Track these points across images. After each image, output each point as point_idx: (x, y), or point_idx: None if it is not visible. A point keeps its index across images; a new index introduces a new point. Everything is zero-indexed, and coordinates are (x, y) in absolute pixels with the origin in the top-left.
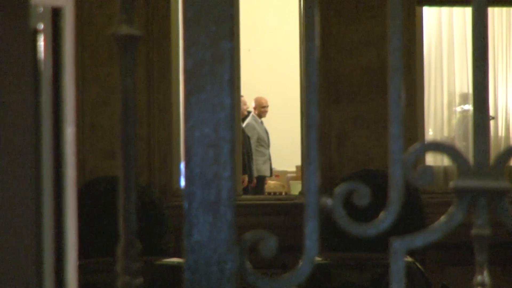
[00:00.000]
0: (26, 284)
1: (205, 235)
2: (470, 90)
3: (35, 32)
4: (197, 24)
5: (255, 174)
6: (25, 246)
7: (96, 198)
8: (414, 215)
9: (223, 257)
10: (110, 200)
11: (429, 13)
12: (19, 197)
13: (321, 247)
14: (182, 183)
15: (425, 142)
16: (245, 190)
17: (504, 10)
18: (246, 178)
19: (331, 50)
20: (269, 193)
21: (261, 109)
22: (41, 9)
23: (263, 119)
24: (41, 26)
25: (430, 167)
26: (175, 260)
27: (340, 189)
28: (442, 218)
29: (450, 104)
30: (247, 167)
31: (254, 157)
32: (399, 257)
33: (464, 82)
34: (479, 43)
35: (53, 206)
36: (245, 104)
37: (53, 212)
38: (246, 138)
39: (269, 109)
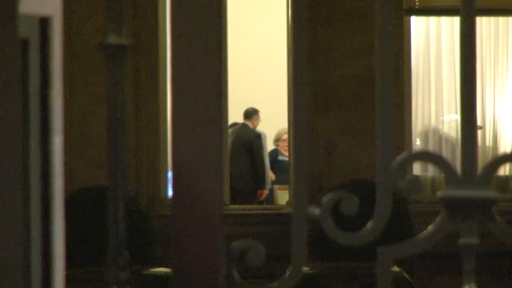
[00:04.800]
0: None
1: (192, 244)
2: (458, 100)
3: (23, 42)
4: (185, 39)
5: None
6: (12, 255)
7: (84, 208)
8: (401, 224)
9: (210, 266)
10: (98, 209)
11: (417, 22)
12: (6, 207)
13: (309, 257)
14: (170, 192)
15: (413, 152)
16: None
17: (492, 19)
18: (265, 191)
19: (319, 60)
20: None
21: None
22: (29, 19)
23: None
24: (29, 35)
25: (417, 177)
26: (162, 270)
27: (328, 198)
28: (430, 227)
29: (438, 114)
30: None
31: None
32: (387, 267)
33: (452, 92)
34: (467, 53)
35: (41, 215)
36: (259, 120)
37: (40, 221)
38: (258, 148)
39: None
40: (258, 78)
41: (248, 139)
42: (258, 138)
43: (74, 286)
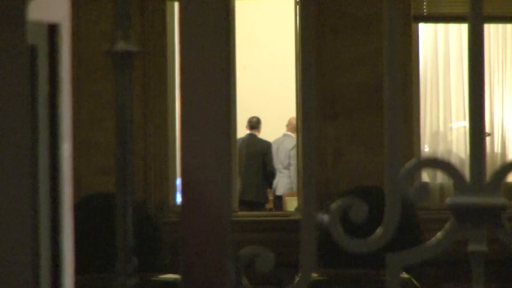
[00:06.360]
0: None
1: (201, 251)
2: (466, 107)
3: (32, 49)
4: (193, 45)
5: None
6: (21, 262)
7: (92, 214)
8: (410, 231)
9: (219, 273)
10: (106, 216)
11: (425, 29)
12: (16, 213)
13: (317, 263)
14: (179, 199)
15: (421, 159)
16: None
17: (500, 26)
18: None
19: (327, 67)
20: (270, 209)
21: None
22: (38, 26)
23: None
24: (37, 42)
25: (426, 184)
26: (171, 276)
27: (336, 205)
28: (438, 234)
29: (446, 121)
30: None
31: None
32: (396, 274)
33: (460, 98)
34: (475, 59)
35: (50, 222)
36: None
37: (49, 228)
38: (271, 157)
39: (266, 126)
40: (266, 85)
41: (261, 149)
42: (270, 147)
43: None
